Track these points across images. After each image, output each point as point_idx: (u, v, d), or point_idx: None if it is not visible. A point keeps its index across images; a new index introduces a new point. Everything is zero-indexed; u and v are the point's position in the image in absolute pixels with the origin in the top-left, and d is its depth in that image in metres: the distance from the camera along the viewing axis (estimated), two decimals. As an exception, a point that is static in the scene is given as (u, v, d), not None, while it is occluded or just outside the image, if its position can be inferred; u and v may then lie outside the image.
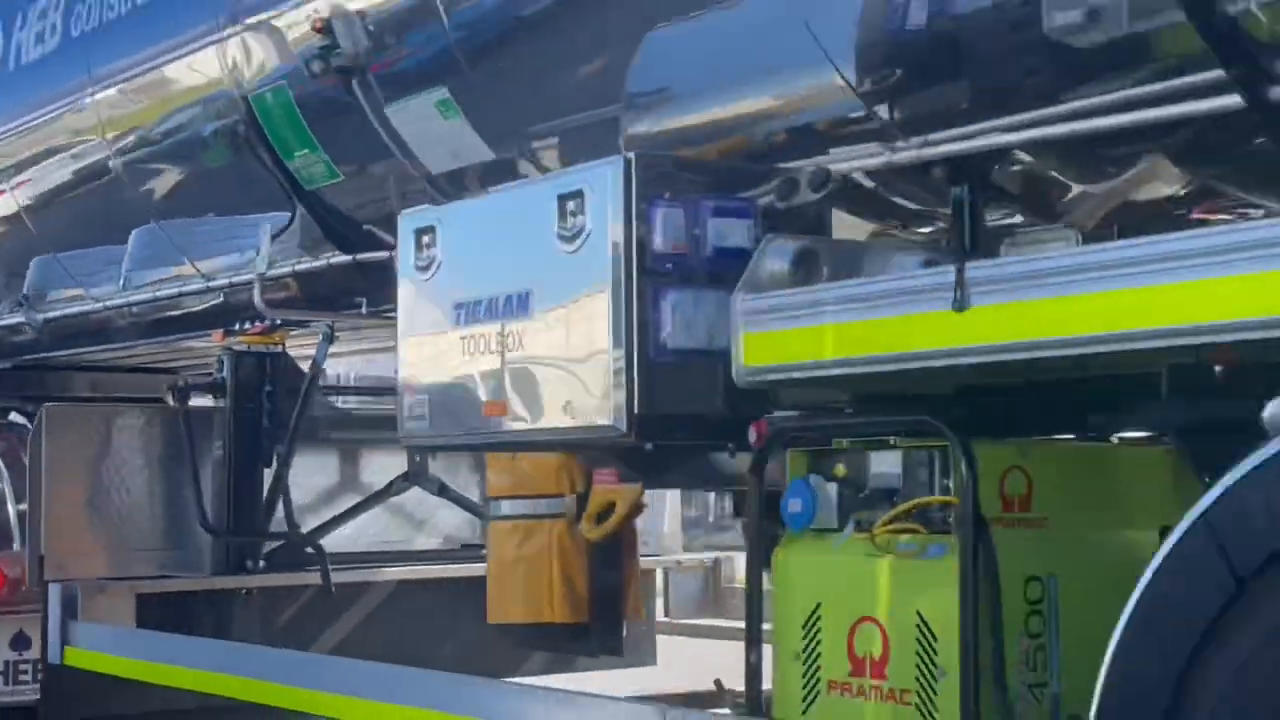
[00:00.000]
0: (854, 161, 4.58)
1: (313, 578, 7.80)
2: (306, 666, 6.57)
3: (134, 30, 7.05)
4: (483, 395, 4.63)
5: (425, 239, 4.88)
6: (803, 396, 4.19)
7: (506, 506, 5.88)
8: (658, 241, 4.24)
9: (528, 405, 4.50)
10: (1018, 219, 4.60)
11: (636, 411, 4.20)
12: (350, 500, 8.34)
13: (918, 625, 3.72)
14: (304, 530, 7.84)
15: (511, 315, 4.53)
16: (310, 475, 8.48)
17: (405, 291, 4.96)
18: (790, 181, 4.52)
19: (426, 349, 4.86)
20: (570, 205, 4.34)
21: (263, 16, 6.25)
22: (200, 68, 6.67)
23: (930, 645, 3.68)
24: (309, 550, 7.75)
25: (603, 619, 5.81)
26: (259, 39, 6.35)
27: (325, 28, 5.74)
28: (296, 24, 6.07)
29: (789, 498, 4.03)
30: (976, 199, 4.48)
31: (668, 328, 4.20)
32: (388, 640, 8.07)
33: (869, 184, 4.61)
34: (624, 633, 5.93)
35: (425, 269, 4.87)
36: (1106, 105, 4.06)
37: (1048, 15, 4.03)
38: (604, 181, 4.27)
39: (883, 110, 4.50)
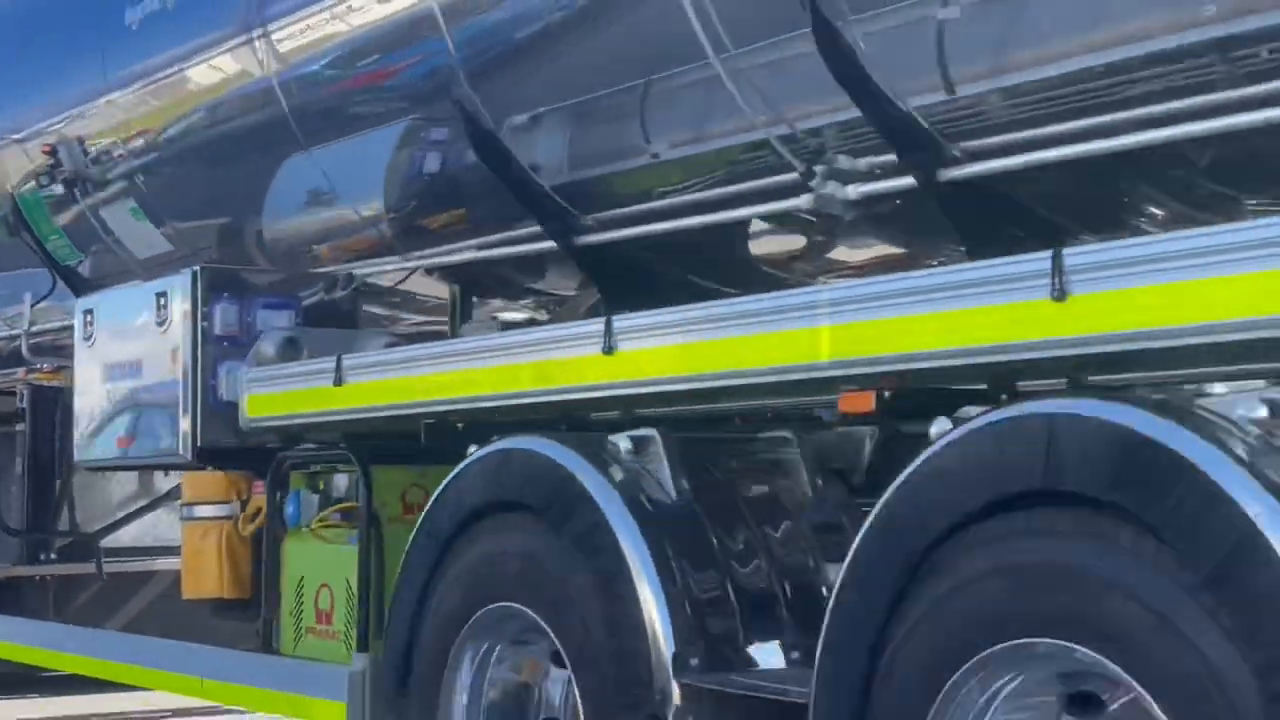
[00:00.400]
0: (378, 268, 6.51)
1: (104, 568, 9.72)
2: (80, 638, 8.42)
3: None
4: (117, 431, 6.59)
5: (88, 317, 6.83)
6: (320, 434, 6.12)
7: (193, 510, 7.79)
8: (216, 327, 6.19)
9: (141, 439, 6.46)
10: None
11: (198, 445, 6.16)
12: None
13: (345, 588, 5.67)
14: (91, 530, 9.77)
15: (131, 376, 6.48)
16: (110, 484, 10.40)
17: (78, 355, 6.92)
18: (331, 282, 6.47)
19: (88, 397, 6.81)
20: (161, 300, 6.30)
21: (18, 136, 8.20)
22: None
23: (350, 600, 5.63)
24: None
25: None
26: (17, 151, 8.29)
27: (52, 151, 7.69)
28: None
29: (287, 505, 5.99)
30: (465, 294, 6.41)
31: (221, 388, 6.15)
32: (168, 621, 9.97)
33: (386, 284, 6.57)
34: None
35: (88, 339, 6.82)
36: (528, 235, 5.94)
37: (555, 157, 5.89)
38: (181, 285, 6.24)
39: (401, 231, 6.42)
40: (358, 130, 6.34)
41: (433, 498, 4.90)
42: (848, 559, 3.58)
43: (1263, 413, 2.96)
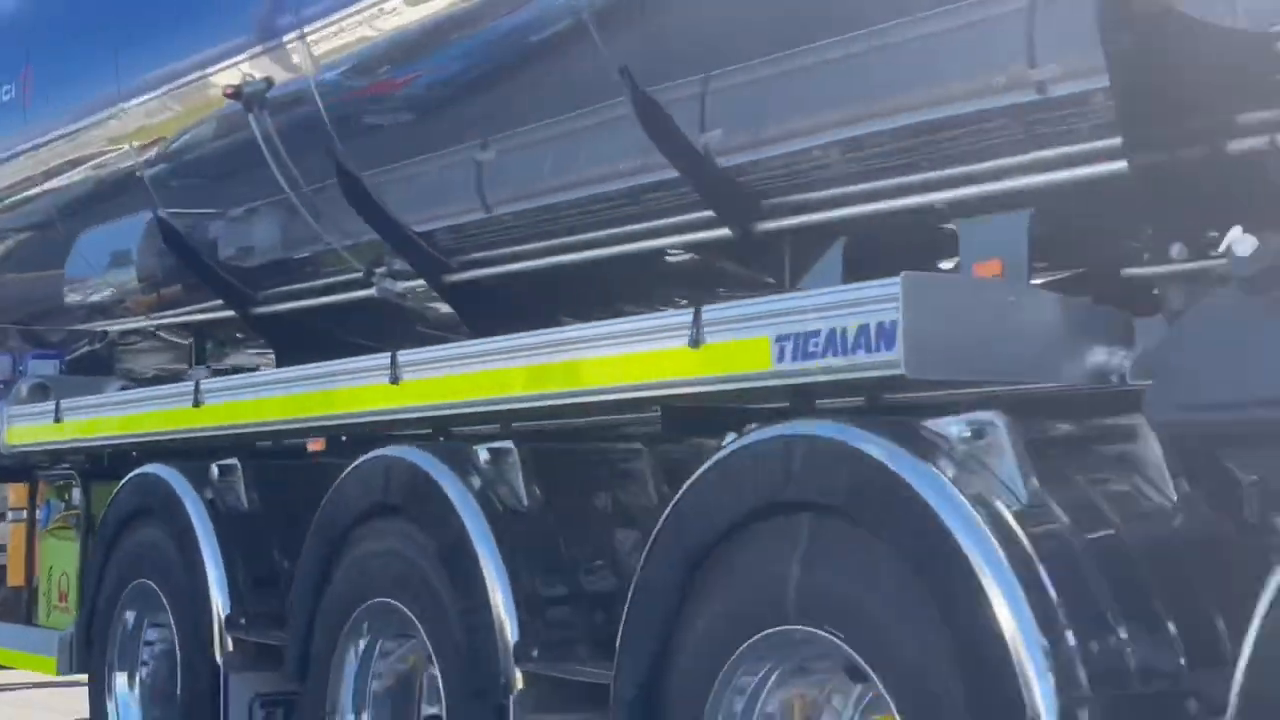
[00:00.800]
0: (130, 324, 8.35)
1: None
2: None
3: None
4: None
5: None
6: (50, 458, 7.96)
7: (20, 514, 9.64)
8: (-6, 374, 8.06)
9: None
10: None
11: (-19, 464, 8.03)
12: None
13: (77, 575, 7.51)
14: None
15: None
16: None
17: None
18: (93, 338, 8.32)
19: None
20: (-45, 353, 8.17)
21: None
22: None
23: (71, 584, 7.47)
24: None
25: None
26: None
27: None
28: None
29: (40, 510, 7.85)
30: (204, 346, 8.25)
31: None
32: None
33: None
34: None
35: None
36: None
37: (222, 249, 7.74)
38: (-33, 341, 8.11)
39: (152, 293, 8.23)
40: (109, 220, 8.17)
41: (104, 510, 6.76)
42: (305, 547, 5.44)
43: (488, 457, 4.80)
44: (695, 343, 3.96)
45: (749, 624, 3.74)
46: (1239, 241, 3.12)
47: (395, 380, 5.06)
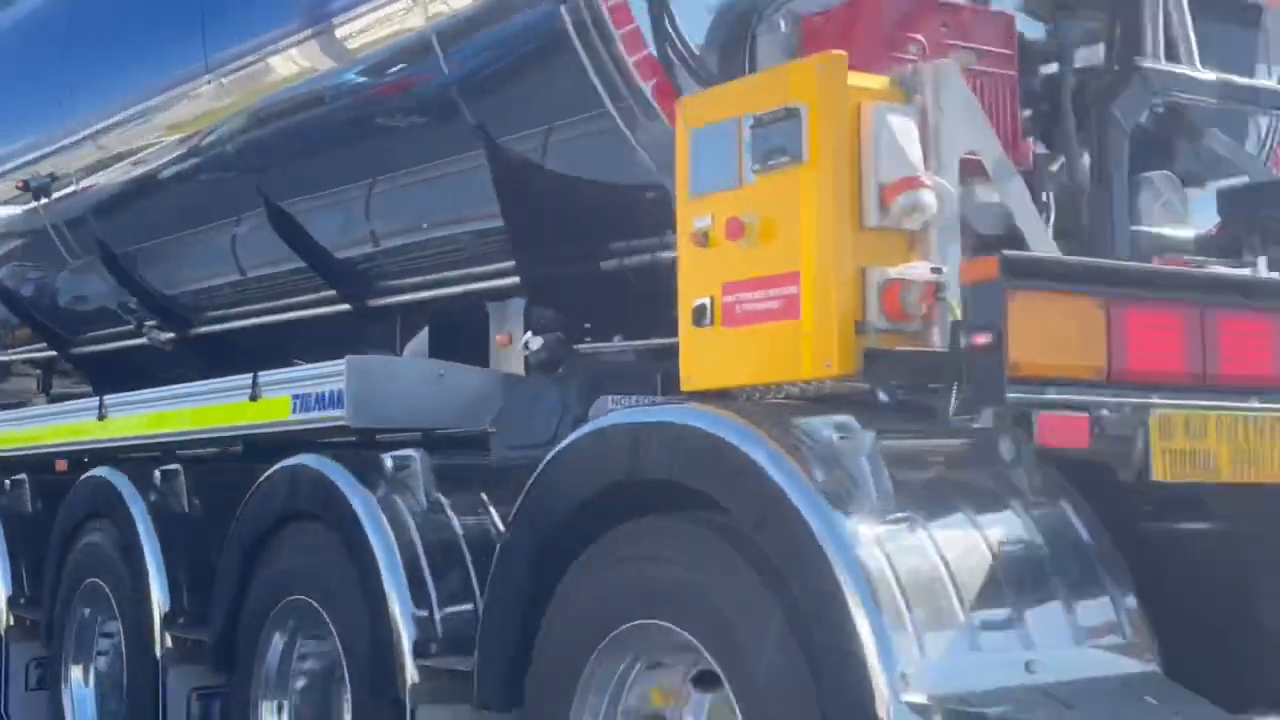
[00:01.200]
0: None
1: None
2: None
3: None
4: None
5: None
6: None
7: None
8: None
9: None
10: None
11: None
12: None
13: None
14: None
15: None
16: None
17: None
18: (-39, 369, 9.99)
19: None
20: None
21: None
22: None
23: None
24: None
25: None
26: None
27: None
28: None
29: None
30: (46, 377, 9.90)
31: None
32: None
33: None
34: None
35: None
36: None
37: (42, 302, 9.41)
38: None
39: (5, 334, 9.88)
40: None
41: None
42: (51, 542, 7.11)
43: (161, 476, 6.45)
44: (254, 398, 5.61)
45: (274, 596, 5.39)
46: (531, 340, 4.76)
47: (102, 417, 6.72)
